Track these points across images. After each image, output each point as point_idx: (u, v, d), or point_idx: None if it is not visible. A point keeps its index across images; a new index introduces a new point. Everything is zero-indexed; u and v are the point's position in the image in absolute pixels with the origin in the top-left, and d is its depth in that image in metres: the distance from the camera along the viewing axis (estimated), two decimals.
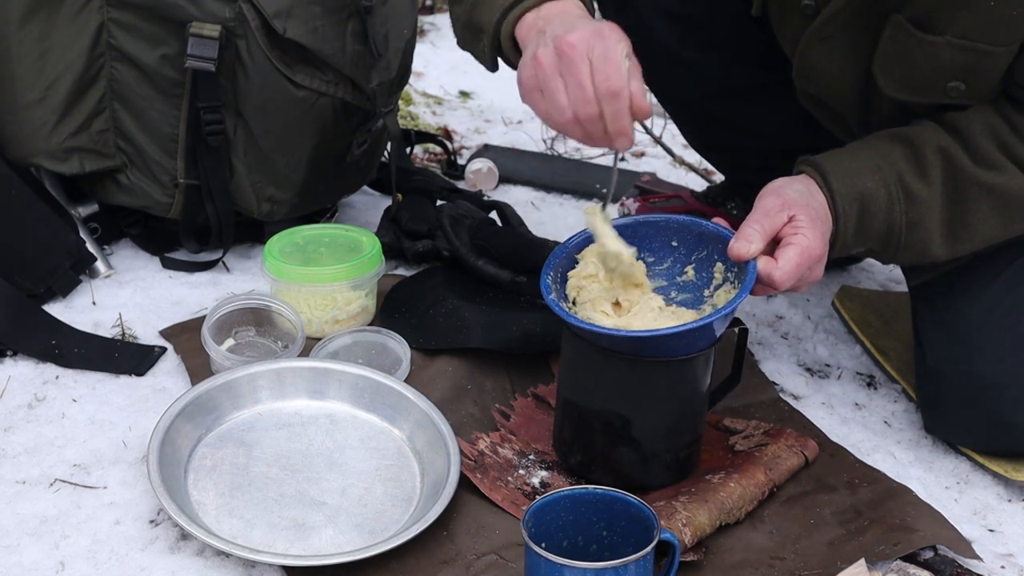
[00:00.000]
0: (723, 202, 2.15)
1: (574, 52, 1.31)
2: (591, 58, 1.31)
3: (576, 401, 1.47)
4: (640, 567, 1.22)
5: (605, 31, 1.32)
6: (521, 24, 1.43)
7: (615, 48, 1.31)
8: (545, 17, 1.41)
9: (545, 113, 1.36)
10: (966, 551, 1.43)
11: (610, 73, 1.30)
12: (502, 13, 1.44)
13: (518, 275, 1.79)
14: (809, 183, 1.48)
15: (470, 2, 1.50)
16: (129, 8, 1.77)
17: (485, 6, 1.48)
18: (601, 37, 1.32)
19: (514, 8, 1.44)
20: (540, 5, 1.43)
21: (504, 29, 1.45)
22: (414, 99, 2.90)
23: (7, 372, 1.65)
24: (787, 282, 1.38)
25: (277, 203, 1.90)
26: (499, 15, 1.45)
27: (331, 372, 1.59)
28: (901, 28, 1.46)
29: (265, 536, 1.39)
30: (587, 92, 1.31)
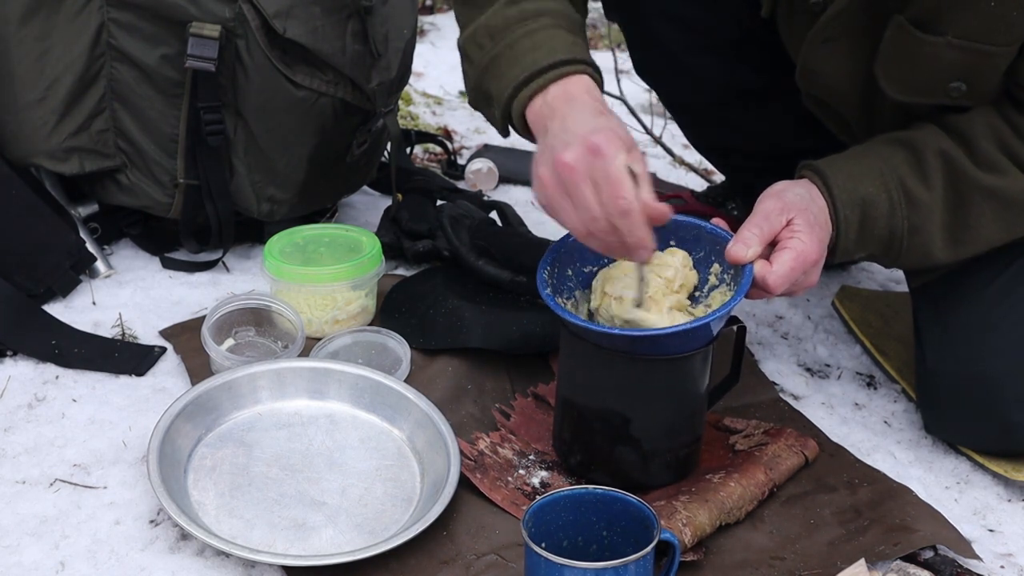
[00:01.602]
0: (723, 202, 2.15)
1: (574, 175, 1.30)
2: (593, 179, 1.30)
3: (575, 400, 1.47)
4: (640, 567, 1.22)
5: (601, 146, 1.30)
6: (531, 108, 1.43)
7: (614, 163, 1.30)
8: (551, 106, 1.41)
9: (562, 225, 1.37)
10: (966, 551, 1.43)
11: (616, 193, 1.29)
12: (512, 91, 1.44)
13: (518, 275, 1.79)
14: (810, 188, 1.48)
15: (480, 67, 1.50)
16: (129, 8, 1.77)
17: (494, 77, 1.47)
18: (598, 155, 1.30)
19: (523, 89, 1.43)
20: (547, 88, 1.42)
21: (515, 109, 1.45)
22: (414, 99, 2.91)
23: (7, 372, 1.65)
24: (781, 286, 1.38)
25: (277, 203, 1.90)
26: (509, 93, 1.44)
27: (331, 372, 1.59)
28: (902, 29, 1.46)
29: (265, 536, 1.39)
30: (594, 212, 1.31)
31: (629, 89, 2.84)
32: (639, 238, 1.32)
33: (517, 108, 1.44)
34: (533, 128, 1.43)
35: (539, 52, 1.44)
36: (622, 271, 1.46)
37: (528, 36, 1.46)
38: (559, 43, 1.45)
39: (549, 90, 1.42)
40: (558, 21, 1.49)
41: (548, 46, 1.44)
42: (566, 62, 1.43)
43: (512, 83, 1.44)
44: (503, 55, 1.47)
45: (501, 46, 1.47)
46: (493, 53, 1.48)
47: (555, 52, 1.43)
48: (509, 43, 1.47)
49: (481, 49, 1.50)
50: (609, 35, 3.67)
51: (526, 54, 1.45)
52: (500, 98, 1.46)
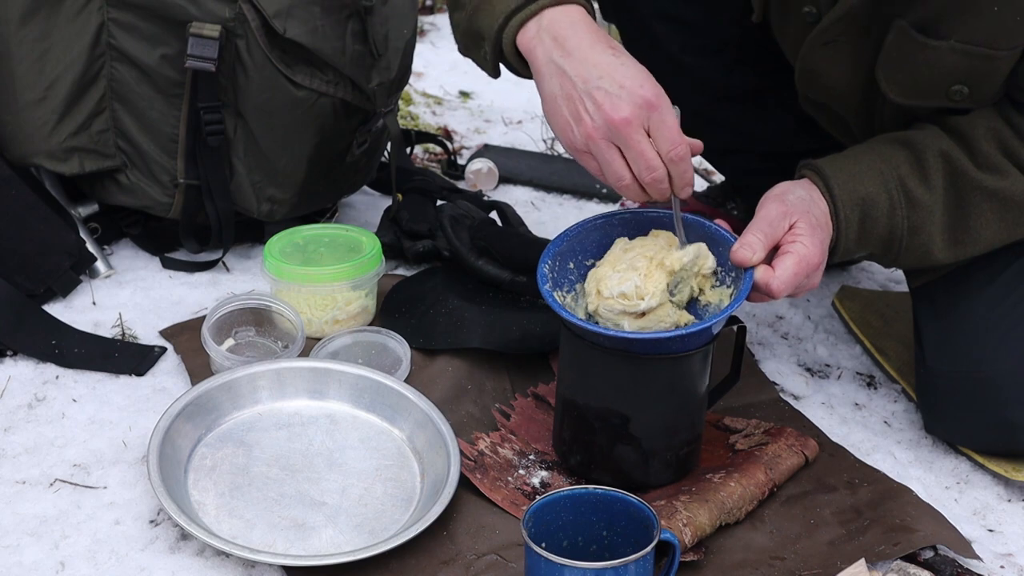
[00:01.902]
0: (723, 202, 2.15)
1: (629, 128, 1.34)
2: (647, 128, 1.35)
3: (575, 400, 1.47)
4: (640, 567, 1.22)
5: (653, 99, 1.35)
6: (523, 33, 1.42)
7: (669, 114, 1.36)
8: (550, 32, 1.40)
9: (597, 173, 1.39)
10: (966, 551, 1.43)
11: (675, 141, 1.35)
12: (503, 20, 1.43)
13: (518, 275, 1.78)
14: (811, 188, 1.48)
15: (470, 8, 1.48)
16: (129, 8, 1.77)
17: (485, 12, 1.46)
18: (653, 108, 1.35)
19: (515, 16, 1.42)
20: (541, 12, 1.41)
21: (506, 37, 1.43)
22: (414, 99, 2.90)
23: (7, 372, 1.65)
24: (784, 291, 1.39)
25: (277, 203, 1.90)
26: (500, 22, 1.43)
27: (331, 372, 1.59)
28: (904, 33, 1.46)
29: (265, 536, 1.39)
30: (651, 160, 1.35)
31: None
32: (689, 177, 1.39)
33: (508, 36, 1.43)
34: (529, 56, 1.41)
35: None
36: (609, 266, 1.45)
37: None
38: None
39: (544, 15, 1.41)
40: None
41: None
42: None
43: (503, 13, 1.43)
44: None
45: None
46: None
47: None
48: None
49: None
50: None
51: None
52: (491, 31, 1.44)
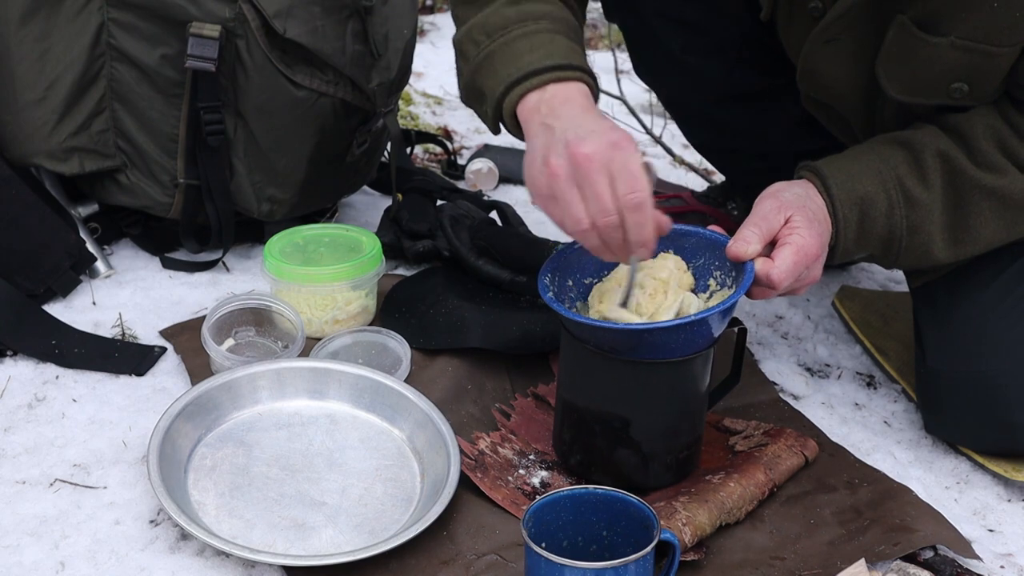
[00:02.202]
0: (723, 202, 2.15)
1: (591, 164, 1.30)
2: (611, 170, 1.31)
3: (575, 402, 1.47)
4: (640, 567, 1.22)
5: (621, 141, 1.32)
6: (524, 104, 1.42)
7: (634, 159, 1.31)
8: (549, 104, 1.40)
9: (560, 220, 1.36)
10: (966, 551, 1.43)
11: (634, 186, 1.30)
12: (505, 88, 1.44)
13: (518, 275, 1.79)
14: (808, 187, 1.48)
15: (474, 63, 1.50)
16: (129, 8, 1.77)
17: (488, 74, 1.47)
18: (618, 148, 1.31)
19: (517, 86, 1.43)
20: (544, 87, 1.41)
21: (507, 105, 1.44)
22: (414, 99, 2.91)
23: (7, 372, 1.65)
24: (785, 281, 1.38)
25: (277, 203, 1.90)
26: (503, 89, 1.44)
27: (331, 372, 1.59)
28: (905, 29, 1.46)
29: (265, 536, 1.39)
30: (606, 203, 1.30)
31: (629, 89, 2.84)
32: (646, 234, 1.32)
33: (509, 104, 1.44)
34: (525, 124, 1.42)
35: (537, 53, 1.44)
36: (616, 282, 1.45)
37: (526, 37, 1.46)
38: (558, 47, 1.45)
39: (547, 89, 1.41)
40: (557, 26, 1.49)
41: (547, 49, 1.44)
42: (564, 67, 1.42)
43: (506, 80, 1.44)
44: (498, 52, 1.47)
45: (498, 43, 1.47)
46: (489, 50, 1.48)
47: (554, 55, 1.43)
48: (506, 41, 1.47)
49: (477, 45, 1.49)
50: (609, 35, 3.67)
51: (523, 54, 1.44)
52: (493, 94, 1.46)
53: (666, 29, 1.81)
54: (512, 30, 1.47)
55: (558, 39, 1.46)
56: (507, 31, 1.47)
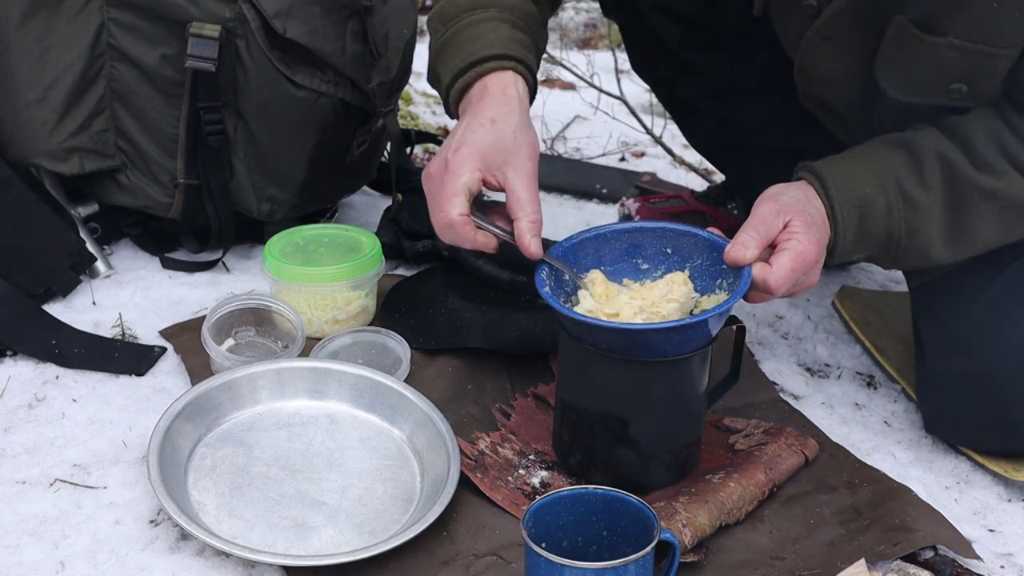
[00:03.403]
0: (723, 202, 2.15)
1: (430, 183, 1.45)
2: (430, 191, 1.45)
3: (574, 403, 1.47)
4: (640, 567, 1.22)
5: (451, 162, 1.42)
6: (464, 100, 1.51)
7: (455, 181, 1.41)
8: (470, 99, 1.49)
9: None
10: (966, 551, 1.43)
11: (439, 206, 1.42)
12: (450, 81, 1.52)
13: (518, 275, 1.79)
14: (807, 189, 1.48)
15: (434, 51, 1.57)
16: (129, 8, 1.77)
17: (442, 63, 1.54)
18: (447, 170, 1.43)
19: (458, 80, 1.51)
20: (475, 82, 1.49)
21: (452, 99, 1.53)
22: (414, 99, 2.91)
23: (7, 372, 1.65)
24: (782, 287, 1.39)
25: (277, 203, 1.90)
26: (447, 83, 1.52)
27: (331, 372, 1.59)
28: (904, 29, 1.46)
29: (265, 536, 1.39)
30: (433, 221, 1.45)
31: (629, 89, 2.84)
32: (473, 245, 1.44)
33: (453, 99, 1.52)
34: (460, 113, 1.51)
35: (476, 44, 1.51)
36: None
37: (471, 27, 1.53)
38: (497, 37, 1.51)
39: (474, 85, 1.50)
40: (504, 15, 1.54)
41: (485, 40, 1.51)
42: (494, 57, 1.49)
43: (451, 73, 1.52)
44: (450, 43, 1.54)
45: (450, 32, 1.54)
46: (444, 39, 1.55)
47: (489, 47, 1.50)
48: (455, 31, 1.54)
49: (435, 33, 1.57)
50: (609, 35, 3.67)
51: (465, 45, 1.52)
52: (443, 86, 1.54)
53: (664, 24, 1.81)
54: (463, 18, 1.54)
55: (500, 28, 1.52)
56: (459, 20, 1.55)
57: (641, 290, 1.47)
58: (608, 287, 1.46)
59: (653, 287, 1.46)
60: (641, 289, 1.47)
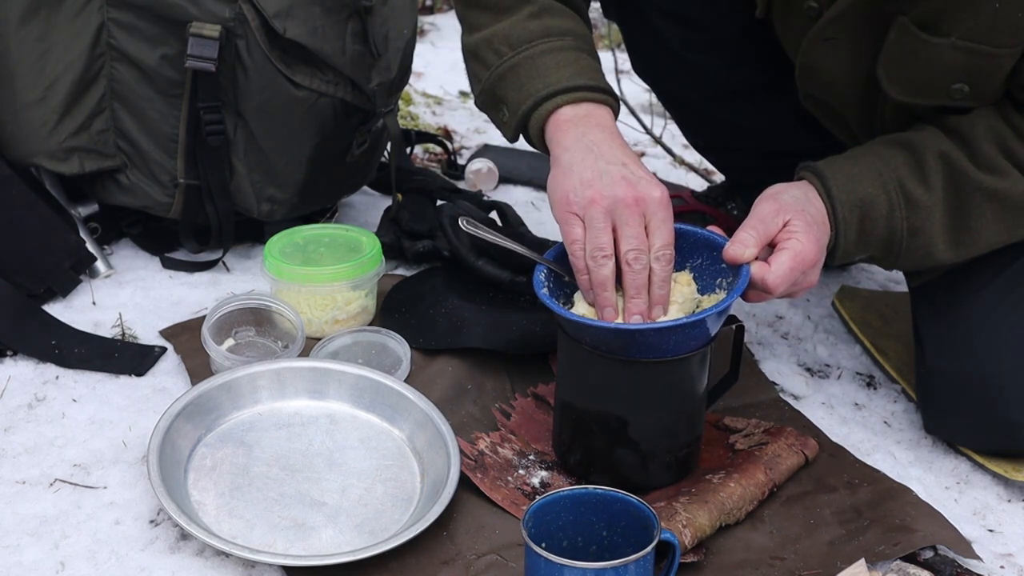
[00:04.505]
0: (723, 202, 2.15)
1: (635, 209, 1.37)
2: (648, 220, 1.37)
3: (573, 403, 1.47)
4: (640, 567, 1.22)
5: (666, 201, 1.38)
6: (557, 117, 1.46)
7: (671, 222, 1.39)
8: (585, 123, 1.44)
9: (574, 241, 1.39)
10: (966, 551, 1.43)
11: (669, 242, 1.38)
12: (535, 102, 1.47)
13: (518, 275, 1.78)
14: (808, 189, 1.48)
15: (496, 72, 1.52)
16: (129, 8, 1.77)
17: (512, 85, 1.50)
18: (663, 207, 1.38)
19: (548, 100, 1.46)
20: (578, 104, 1.45)
21: (535, 118, 1.48)
22: (414, 99, 2.91)
23: (7, 372, 1.65)
24: (780, 286, 1.38)
25: (277, 203, 1.90)
26: (531, 103, 1.47)
27: (331, 372, 1.59)
28: (906, 30, 1.46)
29: (265, 536, 1.39)
30: (642, 244, 1.37)
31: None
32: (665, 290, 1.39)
33: (538, 117, 1.47)
34: (557, 135, 1.45)
35: (565, 71, 1.47)
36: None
37: (552, 53, 1.49)
38: (585, 67, 1.49)
39: (581, 106, 1.46)
40: (580, 44, 1.52)
41: (575, 67, 1.48)
42: (595, 88, 1.47)
43: (535, 94, 1.47)
44: (523, 65, 1.50)
45: (523, 56, 1.50)
46: (513, 62, 1.51)
47: (583, 75, 1.47)
48: (531, 55, 1.50)
49: (499, 55, 1.52)
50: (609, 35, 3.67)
51: (551, 71, 1.48)
52: (518, 105, 1.49)
53: (665, 25, 1.81)
54: (537, 44, 1.50)
55: (583, 58, 1.50)
56: (532, 44, 1.51)
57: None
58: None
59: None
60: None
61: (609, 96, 1.48)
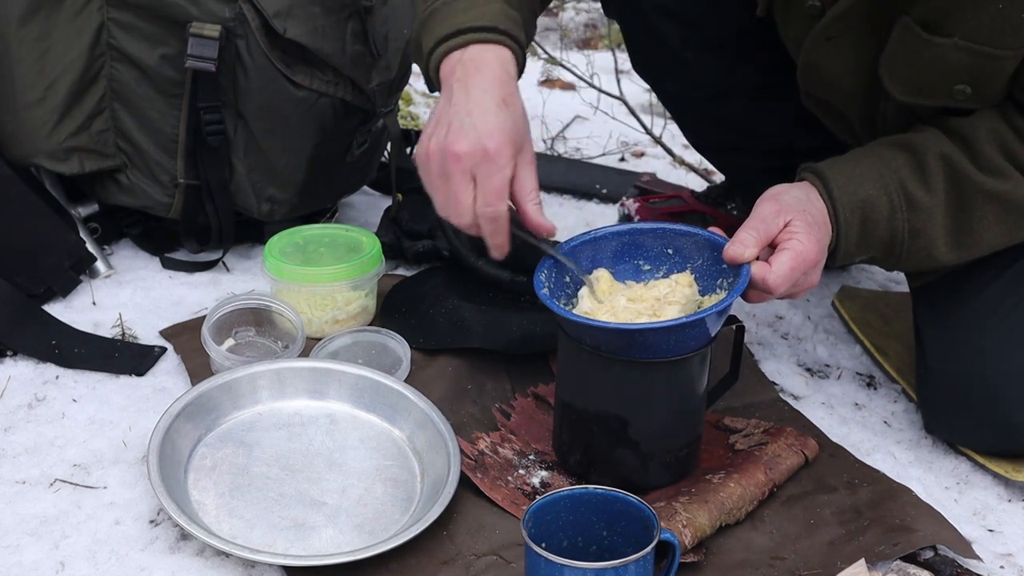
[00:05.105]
0: (723, 202, 2.15)
1: (458, 165, 1.37)
2: (475, 176, 1.37)
3: (573, 403, 1.47)
4: (640, 567, 1.22)
5: (491, 151, 1.36)
6: (447, 61, 1.45)
7: (500, 173, 1.36)
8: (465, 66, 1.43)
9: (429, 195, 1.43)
10: (966, 551, 1.43)
11: (490, 200, 1.37)
12: (434, 44, 1.47)
13: (518, 275, 1.78)
14: (809, 190, 1.48)
15: (419, 20, 1.52)
16: (129, 8, 1.77)
17: (427, 31, 1.50)
18: (487, 158, 1.36)
19: (443, 44, 1.46)
20: (467, 46, 1.44)
21: (432, 62, 1.47)
22: (414, 99, 2.91)
23: (7, 372, 1.65)
24: (781, 286, 1.38)
25: (277, 203, 1.90)
26: (431, 46, 1.47)
27: (331, 372, 1.59)
28: (909, 30, 1.46)
29: (265, 536, 1.39)
30: (464, 208, 1.38)
31: (629, 89, 2.84)
32: (499, 242, 1.40)
33: (434, 62, 1.47)
34: (442, 83, 1.46)
35: (469, 13, 1.46)
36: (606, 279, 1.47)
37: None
38: (491, 10, 1.47)
39: (467, 50, 1.44)
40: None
41: (479, 11, 1.46)
42: (490, 28, 1.45)
43: (437, 37, 1.46)
44: (440, 11, 1.49)
45: (439, 3, 1.49)
46: (432, 8, 1.50)
47: (484, 17, 1.45)
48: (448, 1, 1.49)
49: (424, 3, 1.52)
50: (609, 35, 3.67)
51: (457, 13, 1.47)
52: (425, 49, 1.49)
53: (665, 24, 1.81)
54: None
55: (495, 3, 1.48)
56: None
57: (643, 291, 1.47)
58: (613, 286, 1.47)
59: (656, 287, 1.46)
60: (643, 290, 1.47)
61: (505, 36, 1.45)
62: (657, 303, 1.43)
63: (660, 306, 1.43)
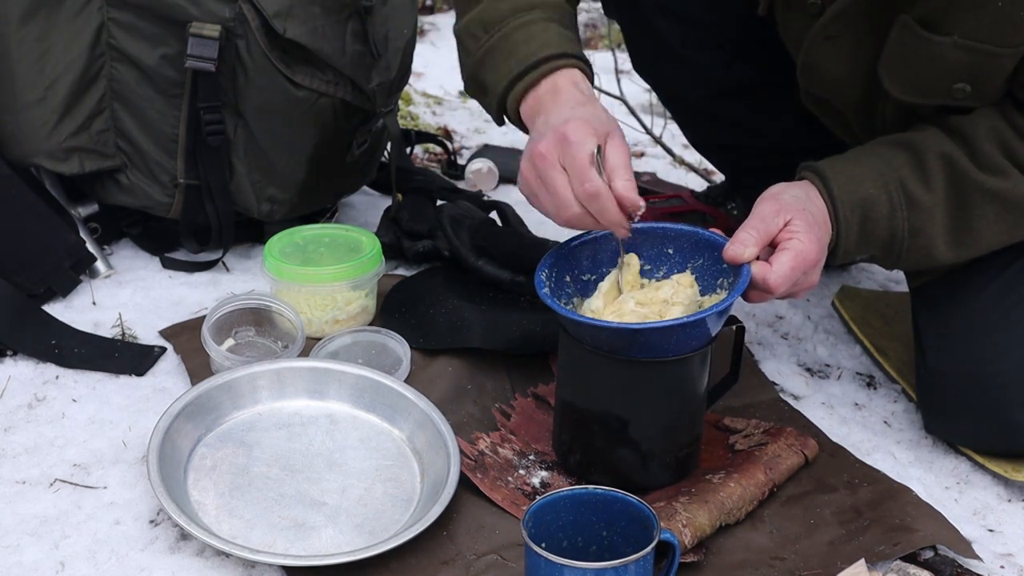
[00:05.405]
0: (723, 202, 2.15)
1: (546, 163, 1.38)
2: (563, 165, 1.37)
3: (574, 403, 1.47)
4: (640, 567, 1.22)
5: (568, 134, 1.37)
6: (524, 104, 1.49)
7: (582, 150, 1.36)
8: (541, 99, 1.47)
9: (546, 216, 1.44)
10: (966, 551, 1.43)
11: (583, 177, 1.36)
12: (507, 85, 1.50)
13: (518, 275, 1.79)
14: (809, 189, 1.48)
15: (476, 58, 1.55)
16: (129, 8, 1.77)
17: (489, 69, 1.53)
18: (566, 142, 1.37)
19: (517, 84, 1.49)
20: (539, 83, 1.47)
21: (510, 104, 1.51)
22: (414, 99, 2.91)
23: (7, 372, 1.65)
24: (781, 286, 1.38)
25: (277, 203, 1.90)
26: (504, 87, 1.50)
27: (331, 372, 1.59)
28: (908, 28, 1.46)
29: (265, 536, 1.39)
30: (565, 198, 1.38)
31: (629, 89, 2.84)
32: (611, 219, 1.38)
33: (512, 103, 1.50)
34: (526, 123, 1.49)
35: (531, 45, 1.49)
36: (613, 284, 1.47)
37: (521, 28, 1.51)
38: (551, 37, 1.50)
39: (540, 85, 1.48)
40: (549, 14, 1.53)
41: (540, 39, 1.49)
42: (556, 56, 1.48)
43: (507, 77, 1.49)
44: (497, 47, 1.52)
45: (496, 38, 1.53)
46: (488, 45, 1.53)
47: (547, 46, 1.48)
48: (503, 35, 1.52)
49: (476, 40, 1.55)
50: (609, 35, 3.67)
51: (519, 47, 1.50)
52: (496, 91, 1.52)
53: (665, 24, 1.81)
54: (508, 23, 1.52)
55: (550, 27, 1.51)
56: (504, 24, 1.53)
57: (644, 291, 1.47)
58: (637, 279, 1.48)
59: (656, 288, 1.46)
60: (644, 290, 1.47)
61: (570, 58, 1.49)
62: (664, 305, 1.43)
63: (666, 308, 1.43)
